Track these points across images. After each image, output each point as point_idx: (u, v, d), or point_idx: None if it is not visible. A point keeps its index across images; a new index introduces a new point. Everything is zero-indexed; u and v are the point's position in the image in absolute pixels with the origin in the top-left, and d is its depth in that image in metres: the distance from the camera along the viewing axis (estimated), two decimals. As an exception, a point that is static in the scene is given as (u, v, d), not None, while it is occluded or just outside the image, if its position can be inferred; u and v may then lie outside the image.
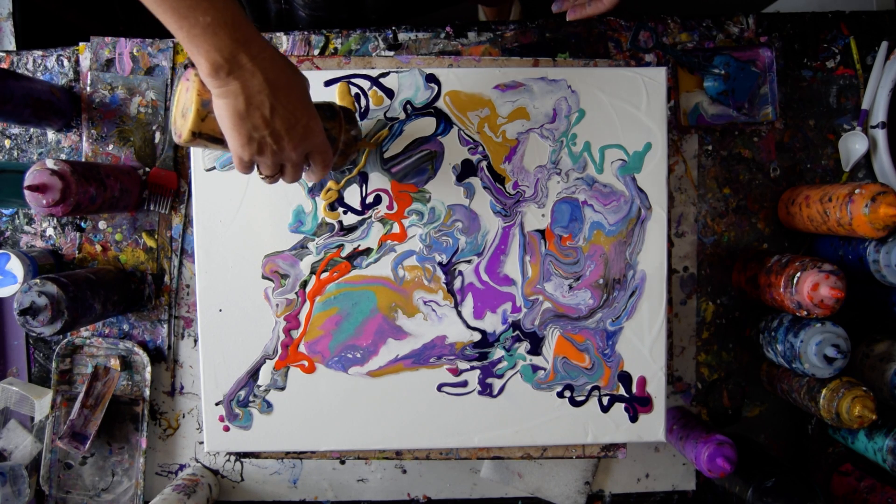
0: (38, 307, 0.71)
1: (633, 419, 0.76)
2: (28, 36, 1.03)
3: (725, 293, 0.88)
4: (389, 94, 0.73)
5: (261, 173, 0.59)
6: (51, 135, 0.86)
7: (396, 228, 0.74)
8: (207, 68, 0.51)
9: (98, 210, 0.77)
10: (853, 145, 0.85)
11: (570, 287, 0.75)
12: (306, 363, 0.74)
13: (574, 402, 0.76)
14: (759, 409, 0.88)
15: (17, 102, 0.77)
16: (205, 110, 0.55)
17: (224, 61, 0.50)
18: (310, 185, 0.73)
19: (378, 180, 0.74)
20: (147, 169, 0.84)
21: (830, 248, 0.81)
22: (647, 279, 0.75)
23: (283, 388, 0.74)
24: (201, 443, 0.87)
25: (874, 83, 0.85)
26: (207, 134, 0.57)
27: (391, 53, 0.85)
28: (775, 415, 0.89)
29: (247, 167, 0.57)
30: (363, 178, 0.74)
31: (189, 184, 0.84)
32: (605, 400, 0.76)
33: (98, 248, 0.86)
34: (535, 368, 0.75)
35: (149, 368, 0.84)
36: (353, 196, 0.74)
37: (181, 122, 0.57)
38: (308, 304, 0.74)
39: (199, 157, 0.73)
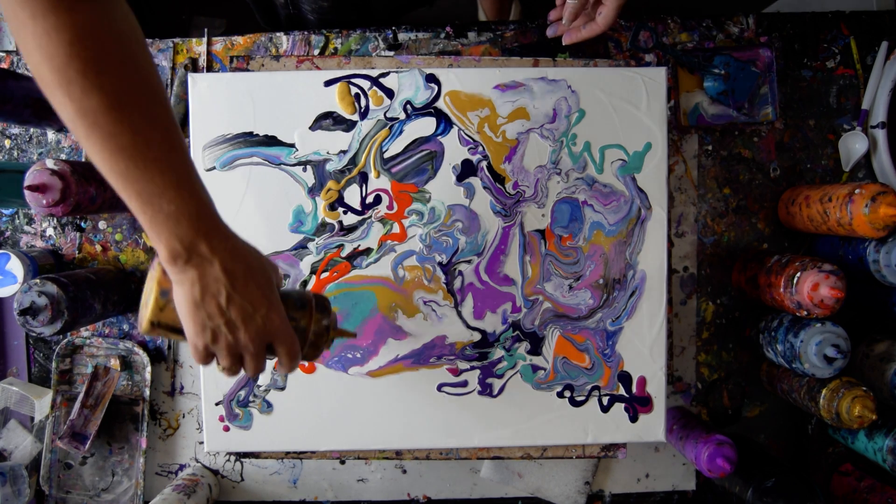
0: (38, 307, 0.71)
1: (633, 419, 0.76)
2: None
3: (725, 293, 0.88)
4: (389, 94, 0.73)
5: (218, 364, 0.56)
6: (51, 135, 0.86)
7: (396, 228, 0.74)
8: (166, 255, 0.50)
9: (98, 210, 0.77)
10: (853, 145, 0.85)
11: (570, 287, 0.75)
12: (306, 363, 0.74)
13: (574, 402, 0.76)
14: (759, 409, 0.88)
15: (17, 102, 0.77)
16: (163, 300, 0.54)
17: (183, 249, 0.50)
18: (281, 376, 0.71)
19: (378, 180, 0.74)
20: None
21: (830, 248, 0.81)
22: (647, 279, 0.75)
23: (283, 388, 0.74)
24: (201, 443, 0.87)
25: (874, 83, 0.85)
26: (166, 324, 0.55)
27: (391, 53, 0.85)
28: (775, 415, 0.88)
29: (203, 357, 0.55)
30: (363, 178, 0.74)
31: (189, 184, 0.84)
32: (605, 400, 0.76)
33: (98, 248, 0.86)
34: (535, 368, 0.75)
35: (149, 368, 0.84)
36: (353, 196, 0.74)
37: (143, 311, 0.56)
38: (308, 304, 0.74)
39: (200, 158, 0.73)
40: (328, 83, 0.73)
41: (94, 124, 0.45)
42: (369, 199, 0.74)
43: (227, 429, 0.75)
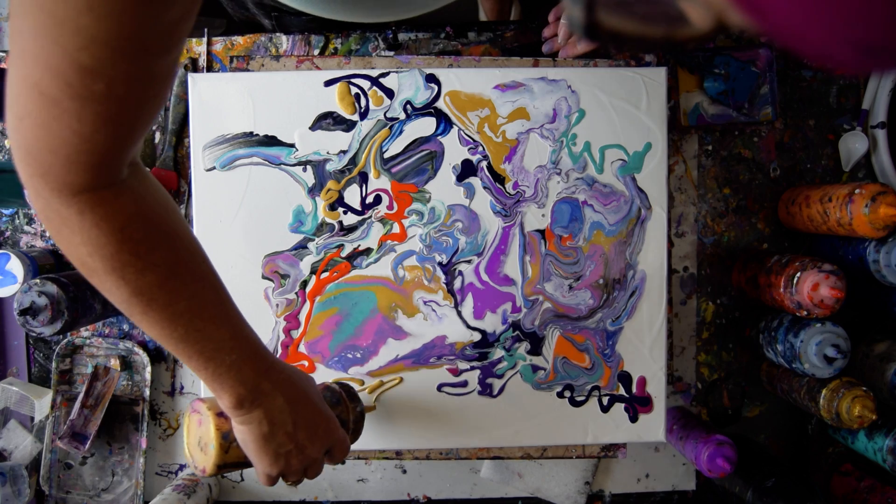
0: (38, 307, 0.71)
1: (633, 419, 0.76)
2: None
3: (725, 293, 0.88)
4: (389, 94, 0.73)
5: (287, 481, 0.58)
6: (51, 135, 0.86)
7: (396, 228, 0.74)
8: (232, 402, 0.51)
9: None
10: (853, 145, 0.85)
11: (570, 287, 0.75)
12: (306, 363, 0.74)
13: (574, 402, 0.76)
14: (759, 409, 0.88)
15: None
16: (226, 442, 0.56)
17: (248, 392, 0.51)
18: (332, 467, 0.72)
19: (378, 180, 0.74)
20: (147, 169, 0.84)
21: (830, 248, 0.81)
22: (647, 279, 0.75)
23: (283, 388, 0.74)
24: (201, 443, 0.87)
25: (874, 83, 0.85)
26: (232, 462, 0.58)
27: (391, 53, 0.85)
28: (775, 415, 0.88)
29: (274, 482, 0.57)
30: (363, 178, 0.74)
31: (189, 184, 0.84)
32: (605, 400, 0.76)
33: (98, 248, 0.86)
34: (535, 368, 0.75)
35: (149, 368, 0.84)
36: (353, 196, 0.74)
37: (201, 456, 0.58)
38: (308, 304, 0.74)
39: (199, 158, 0.73)
40: (328, 83, 0.73)
41: (152, 300, 0.46)
42: (369, 199, 0.74)
43: (227, 429, 0.75)
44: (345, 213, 0.74)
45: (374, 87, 0.73)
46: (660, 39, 0.27)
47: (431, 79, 0.73)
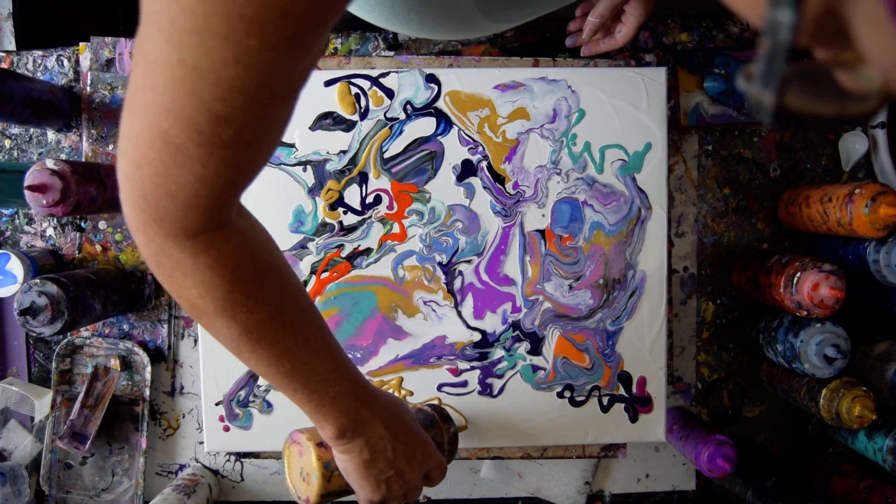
0: (38, 307, 0.71)
1: (633, 419, 0.76)
2: (28, 36, 1.03)
3: (725, 293, 0.88)
4: (389, 94, 0.73)
5: None
6: (51, 135, 0.86)
7: (396, 228, 0.74)
8: (335, 432, 0.52)
9: (98, 210, 0.77)
10: (853, 145, 0.85)
11: (570, 287, 0.75)
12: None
13: (574, 403, 0.76)
14: (759, 409, 0.88)
15: (17, 102, 0.76)
16: (328, 472, 0.57)
17: (349, 422, 0.52)
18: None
19: (378, 180, 0.74)
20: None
21: (830, 248, 0.81)
22: (647, 279, 0.75)
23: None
24: (201, 443, 0.87)
25: (874, 83, 0.85)
26: (335, 491, 0.59)
27: (391, 53, 0.85)
28: (775, 415, 0.88)
29: None
30: (363, 178, 0.74)
31: (189, 184, 0.84)
32: (605, 400, 0.76)
33: (98, 248, 0.86)
34: (535, 368, 0.75)
35: (149, 368, 0.84)
36: (353, 196, 0.74)
37: (304, 486, 0.59)
38: (308, 304, 0.74)
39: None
40: (328, 83, 0.73)
41: (261, 337, 0.46)
42: (369, 199, 0.74)
43: (227, 429, 0.75)
44: (345, 213, 0.74)
45: (374, 87, 0.73)
46: (833, 118, 0.26)
47: (431, 79, 0.73)
